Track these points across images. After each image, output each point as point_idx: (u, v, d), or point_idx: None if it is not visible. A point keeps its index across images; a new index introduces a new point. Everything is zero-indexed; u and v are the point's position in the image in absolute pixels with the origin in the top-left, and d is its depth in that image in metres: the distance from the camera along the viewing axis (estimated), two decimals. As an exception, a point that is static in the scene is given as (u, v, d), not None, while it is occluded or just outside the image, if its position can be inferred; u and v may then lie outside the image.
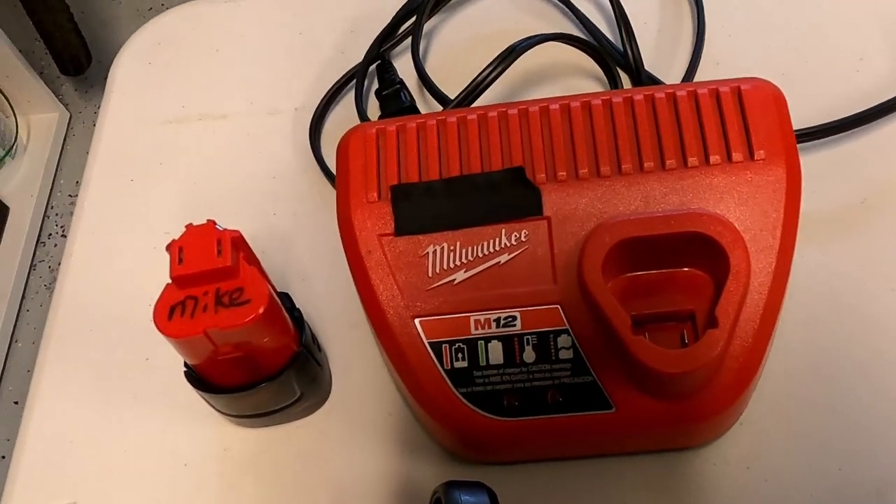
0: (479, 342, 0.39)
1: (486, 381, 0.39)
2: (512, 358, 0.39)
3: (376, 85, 0.54)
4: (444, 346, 0.39)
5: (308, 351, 0.42)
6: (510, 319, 0.39)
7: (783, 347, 0.43)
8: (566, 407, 0.38)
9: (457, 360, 0.39)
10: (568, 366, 0.39)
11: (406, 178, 0.42)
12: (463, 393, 0.39)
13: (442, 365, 0.39)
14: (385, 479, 0.43)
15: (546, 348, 0.39)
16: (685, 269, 0.39)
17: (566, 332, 0.39)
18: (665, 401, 0.38)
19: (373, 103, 0.54)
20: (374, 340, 0.42)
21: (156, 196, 0.55)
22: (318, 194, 0.53)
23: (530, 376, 0.39)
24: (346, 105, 0.56)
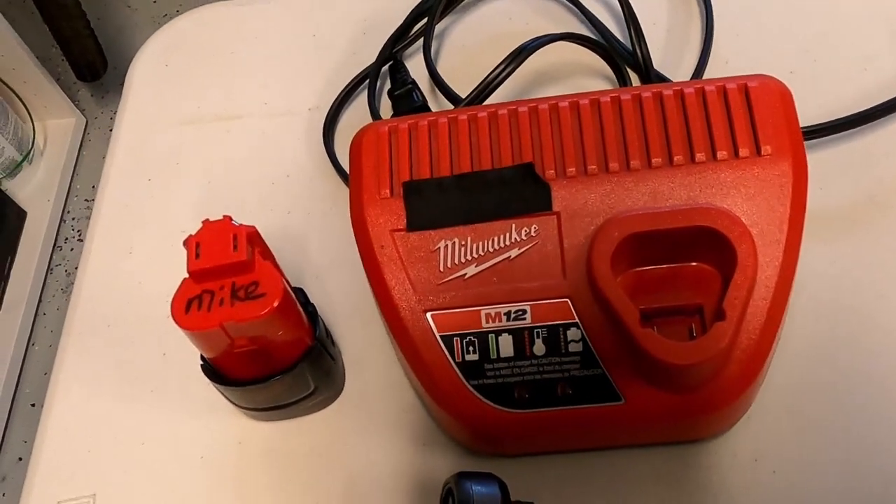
0: (489, 335, 0.40)
1: (497, 373, 0.39)
2: (522, 351, 0.39)
3: (389, 85, 0.55)
4: (455, 339, 0.40)
5: (322, 345, 0.43)
6: (520, 313, 0.40)
7: (791, 341, 0.43)
8: (576, 399, 0.39)
9: (468, 353, 0.40)
10: (577, 359, 0.39)
11: (418, 175, 0.42)
12: (474, 385, 0.40)
13: (453, 358, 0.40)
14: (397, 472, 0.44)
15: (556, 341, 0.39)
16: (693, 263, 0.40)
17: (576, 325, 0.39)
18: (673, 393, 0.38)
19: (385, 103, 0.55)
20: (387, 335, 0.43)
21: (172, 195, 0.56)
22: (332, 193, 0.53)
23: (540, 369, 0.39)
24: (359, 105, 0.57)
